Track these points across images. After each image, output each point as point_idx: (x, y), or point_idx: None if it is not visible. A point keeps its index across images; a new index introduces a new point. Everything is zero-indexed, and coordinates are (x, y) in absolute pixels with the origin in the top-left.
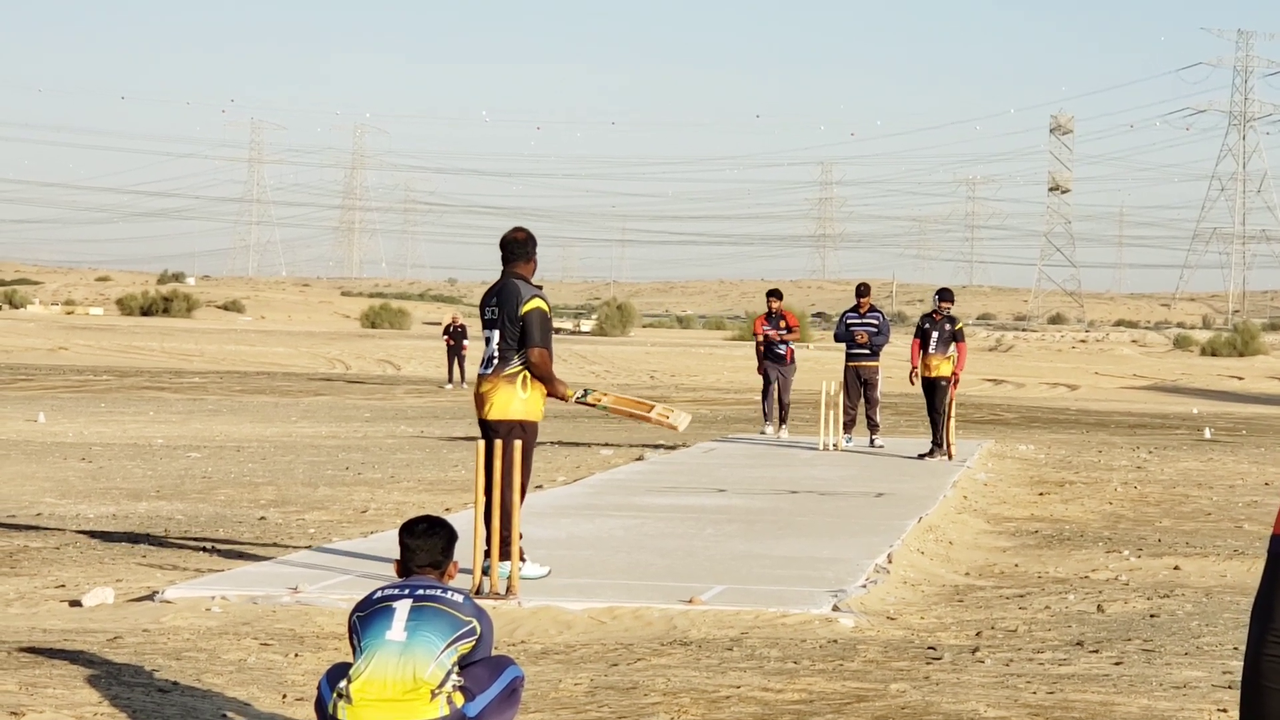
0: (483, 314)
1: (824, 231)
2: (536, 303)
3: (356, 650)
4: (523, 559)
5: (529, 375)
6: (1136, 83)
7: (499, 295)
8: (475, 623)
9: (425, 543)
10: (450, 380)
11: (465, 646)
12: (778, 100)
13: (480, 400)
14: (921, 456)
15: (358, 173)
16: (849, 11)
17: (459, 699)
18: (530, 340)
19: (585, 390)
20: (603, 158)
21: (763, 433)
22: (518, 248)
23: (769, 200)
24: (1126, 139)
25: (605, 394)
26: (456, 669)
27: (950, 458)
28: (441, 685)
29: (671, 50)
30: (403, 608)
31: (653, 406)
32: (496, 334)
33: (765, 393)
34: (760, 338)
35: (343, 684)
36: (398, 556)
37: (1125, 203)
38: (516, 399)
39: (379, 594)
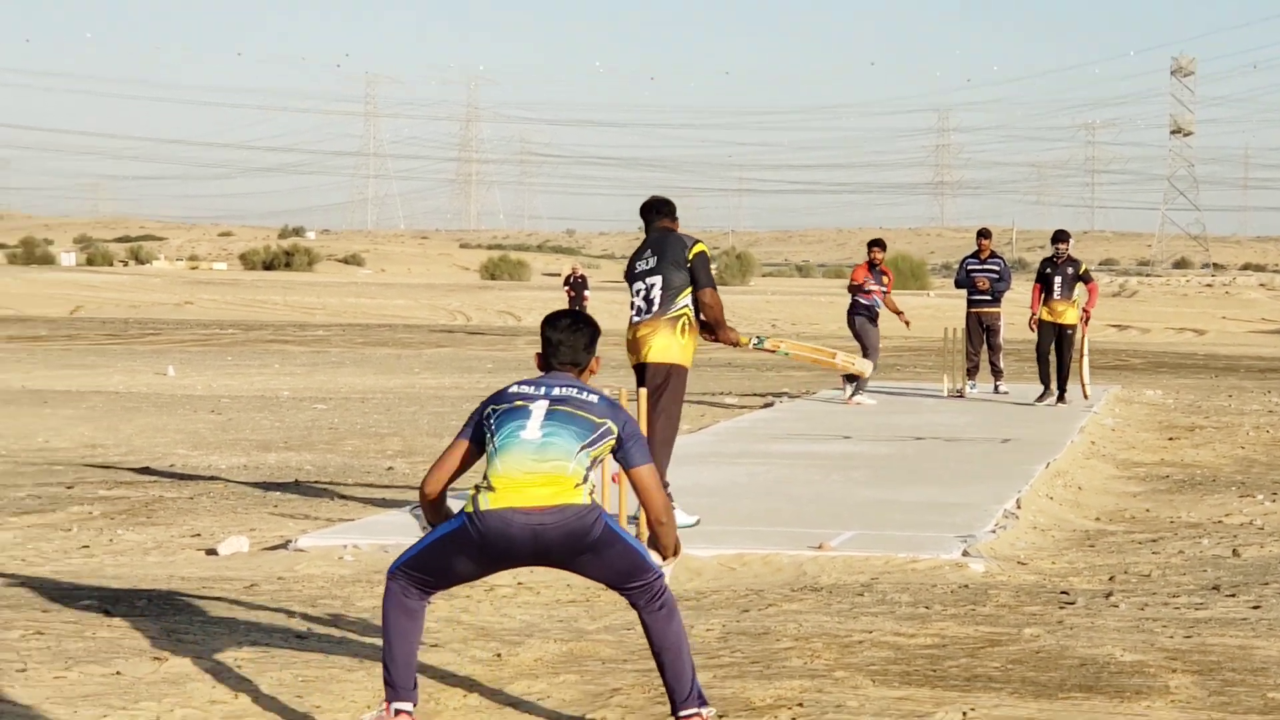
0: (633, 267)
1: (941, 179)
2: (701, 247)
3: (489, 444)
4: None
5: (688, 322)
6: (1259, 22)
7: (655, 245)
8: (610, 423)
9: (568, 338)
10: None
11: (602, 448)
12: (894, 47)
13: (637, 344)
14: (1037, 400)
15: (473, 125)
16: None
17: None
18: (701, 282)
19: (760, 337)
20: (718, 107)
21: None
22: (664, 205)
23: (886, 148)
24: (1250, 80)
25: (783, 340)
26: (593, 471)
27: (1086, 397)
28: (585, 480)
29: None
30: (539, 410)
31: (835, 354)
32: (657, 280)
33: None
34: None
35: (481, 480)
36: (539, 350)
37: (1250, 145)
38: (675, 342)
39: (514, 389)
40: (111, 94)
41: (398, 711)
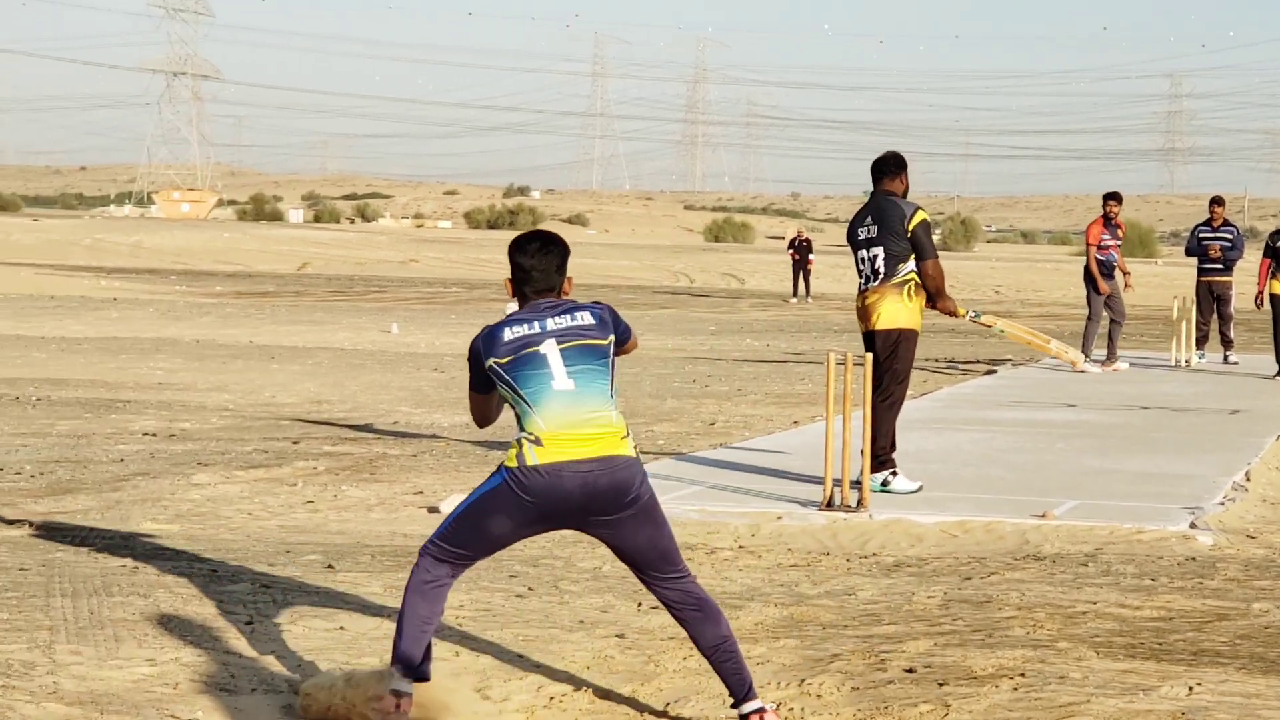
0: (855, 234)
1: (1172, 145)
2: (921, 215)
3: (516, 400)
4: (895, 472)
5: (915, 285)
6: None
7: (875, 213)
8: (612, 337)
9: (541, 262)
10: (795, 294)
11: (615, 365)
12: (1126, 12)
13: (867, 312)
14: (1275, 377)
15: (700, 86)
16: None
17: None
18: (924, 253)
19: (977, 311)
20: (946, 71)
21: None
22: (887, 164)
23: (1116, 114)
24: None
25: (999, 318)
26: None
27: None
28: (628, 433)
29: None
30: (552, 353)
31: (1050, 340)
32: (879, 250)
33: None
34: (1095, 248)
35: (522, 434)
36: (509, 276)
37: None
38: (904, 308)
39: (508, 334)
40: (343, 52)
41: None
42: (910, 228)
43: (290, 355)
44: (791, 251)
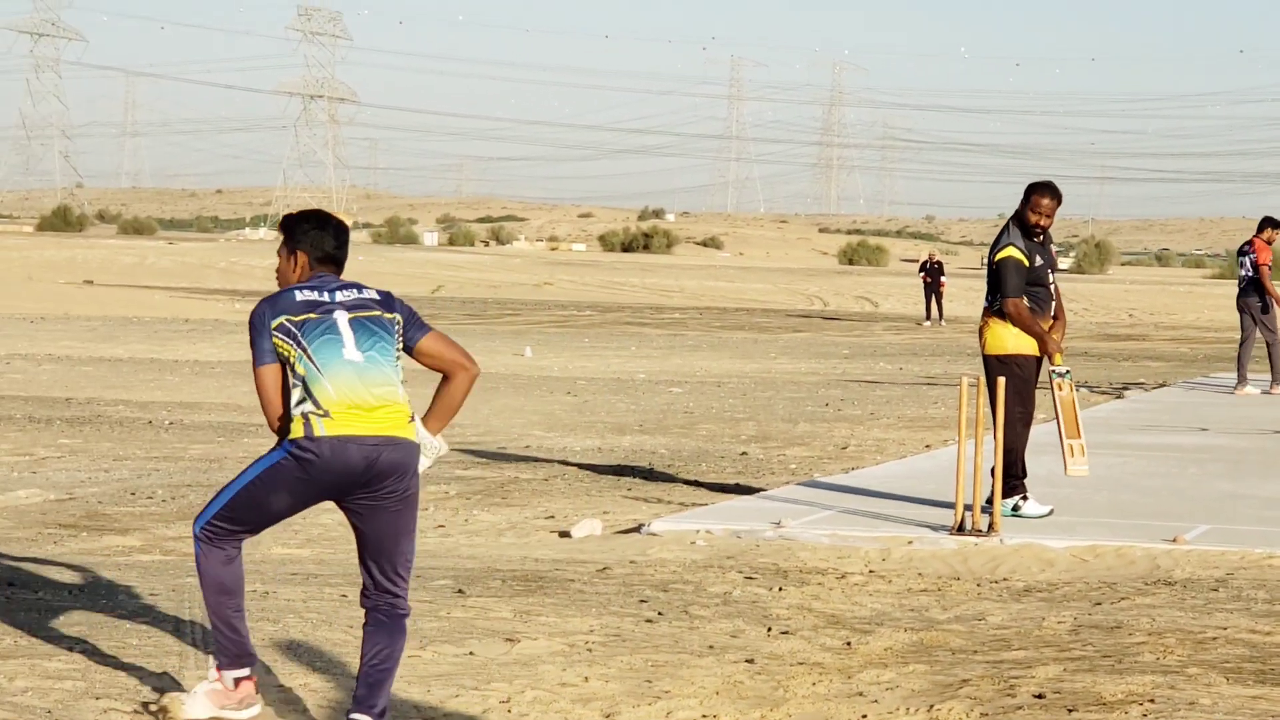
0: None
1: None
2: (1010, 251)
3: (302, 359)
4: (1025, 497)
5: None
6: None
7: (1000, 234)
8: (397, 315)
9: (332, 233)
10: (928, 317)
11: (399, 343)
12: (1262, 34)
13: (979, 335)
14: None
15: (836, 109)
16: None
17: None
18: (1002, 289)
19: (1067, 371)
20: (1082, 93)
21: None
22: (1028, 190)
23: (1254, 136)
24: None
25: (1072, 388)
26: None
27: None
28: (412, 417)
29: None
30: (343, 323)
31: (1079, 437)
32: (988, 273)
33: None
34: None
35: (305, 405)
36: (287, 245)
37: None
38: (1009, 333)
39: (299, 296)
40: (479, 75)
41: (236, 680)
42: (996, 259)
43: (422, 378)
44: (923, 274)
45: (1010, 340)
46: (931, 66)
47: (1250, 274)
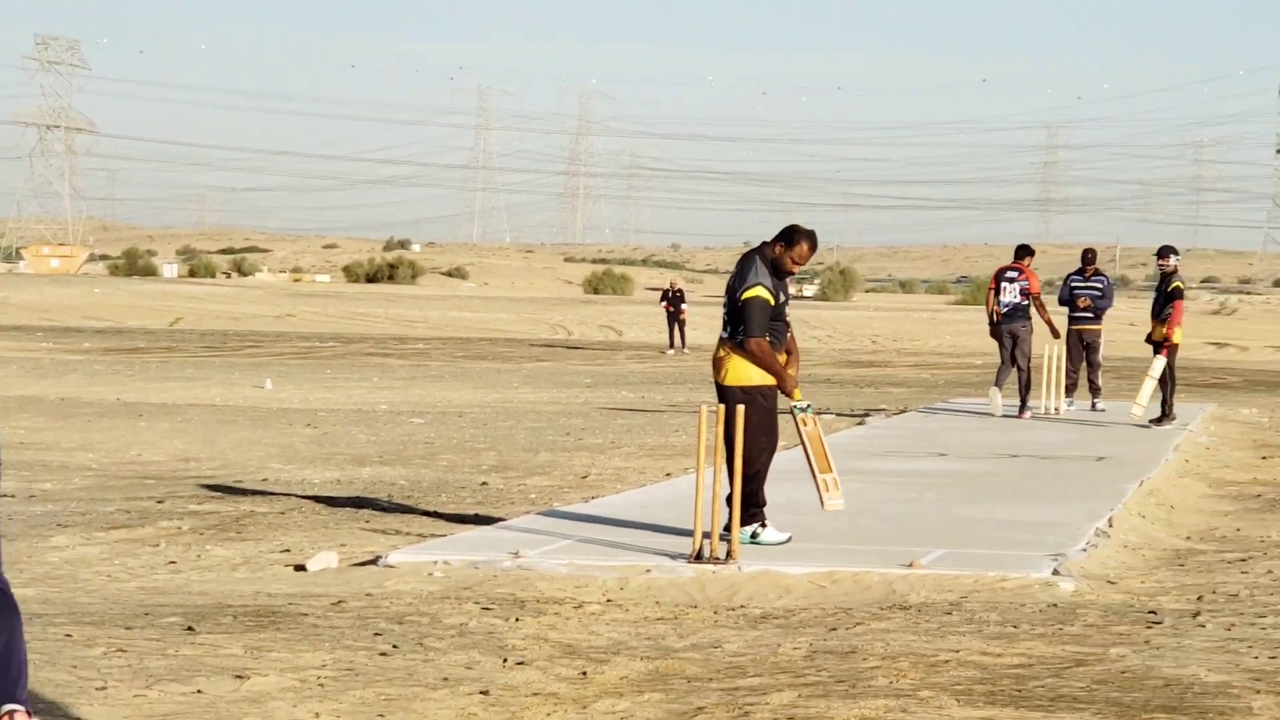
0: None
1: (1048, 195)
2: (757, 291)
3: None
4: (764, 524)
5: None
6: None
7: (739, 264)
8: None
9: None
10: (671, 346)
11: None
12: (1004, 64)
13: (716, 365)
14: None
15: (583, 138)
16: None
17: None
18: (746, 328)
19: (807, 405)
20: (828, 122)
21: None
22: (788, 230)
23: (994, 164)
24: None
25: (815, 422)
26: None
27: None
28: None
29: (897, 14)
30: None
31: (831, 471)
32: (728, 302)
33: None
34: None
35: None
36: None
37: None
38: (752, 366)
39: None
40: (223, 105)
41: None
42: (743, 297)
43: (159, 412)
44: (665, 303)
45: (755, 372)
46: (679, 94)
47: (1020, 300)
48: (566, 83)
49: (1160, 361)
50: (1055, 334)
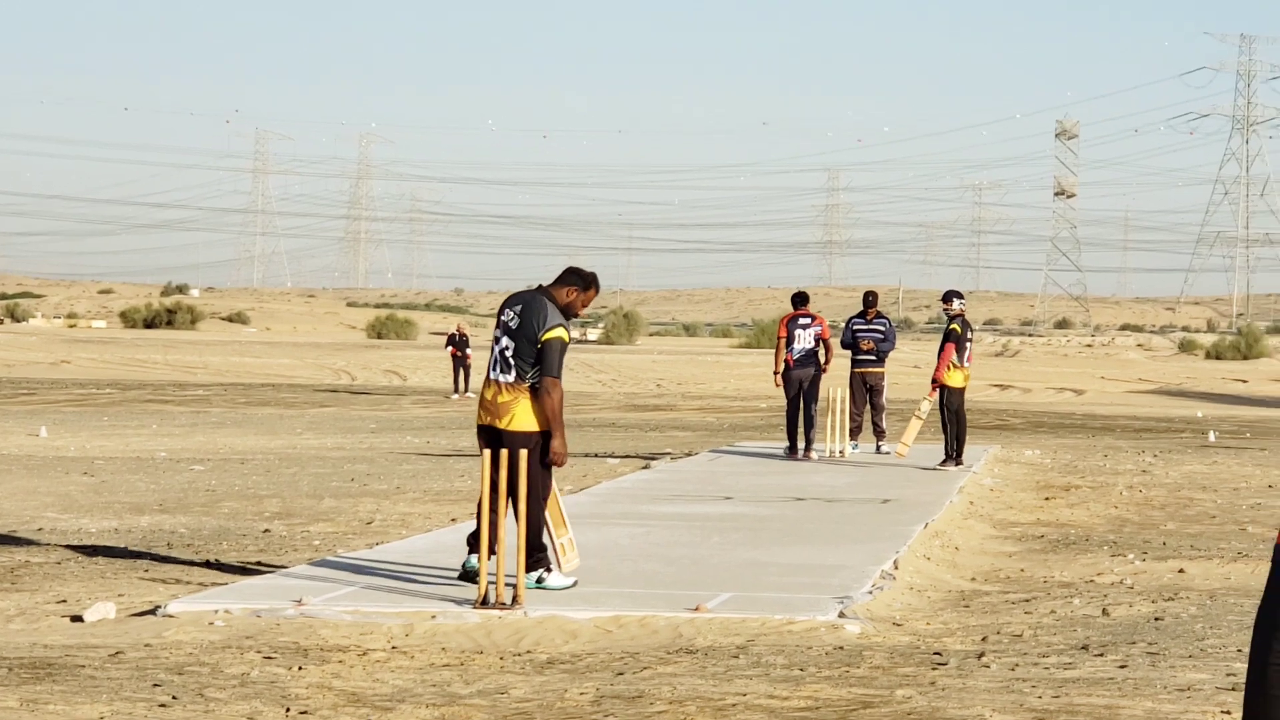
0: (502, 314)
1: (831, 238)
2: (558, 332)
3: None
4: (550, 569)
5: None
6: (1141, 87)
7: (524, 304)
8: None
9: None
10: (456, 390)
11: None
12: (785, 107)
13: (498, 409)
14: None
15: (363, 183)
16: (855, 18)
17: None
18: (546, 369)
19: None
20: (609, 166)
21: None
22: (572, 273)
23: (776, 207)
24: (1131, 143)
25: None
26: None
27: (900, 455)
28: None
29: (677, 57)
30: None
31: (567, 531)
32: (514, 344)
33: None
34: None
35: None
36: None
37: (1130, 207)
38: (541, 411)
39: None
40: None
41: None
42: (543, 338)
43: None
44: (451, 348)
45: (540, 418)
46: (459, 139)
47: (813, 346)
48: (345, 126)
49: (927, 403)
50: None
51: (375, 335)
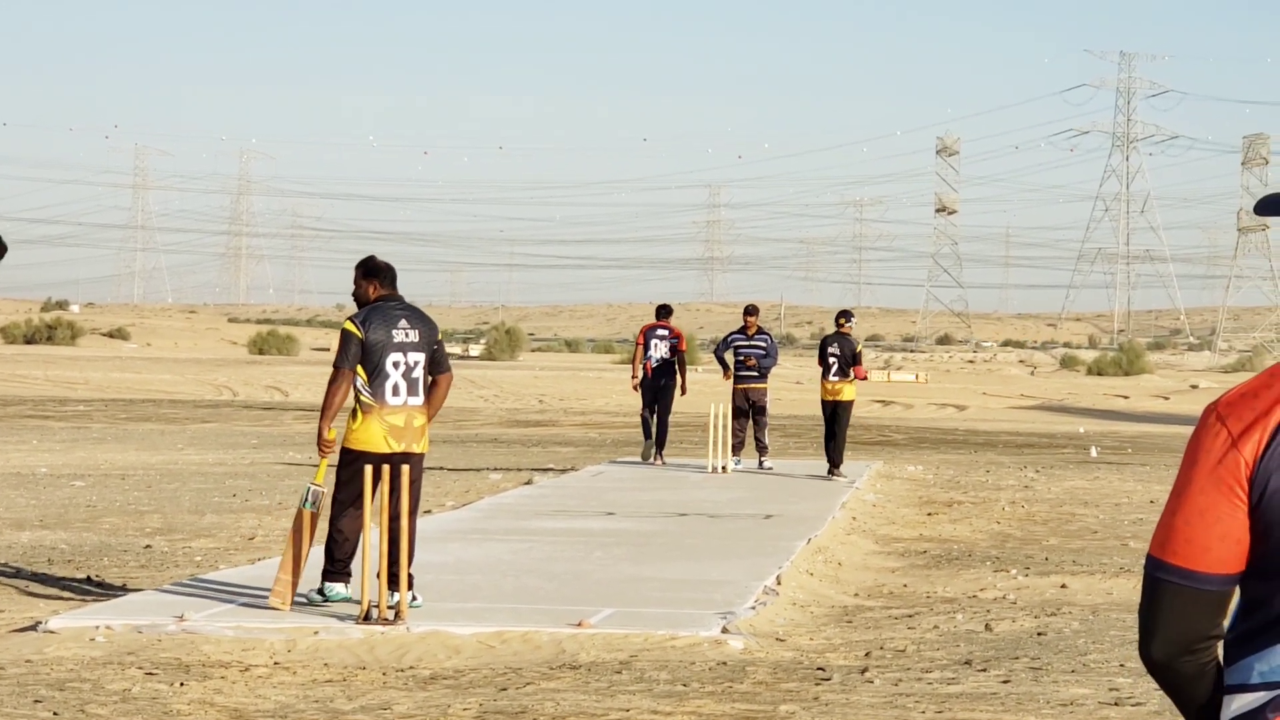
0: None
1: (712, 254)
2: (345, 322)
3: None
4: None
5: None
6: (1021, 104)
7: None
8: None
9: None
10: None
11: None
12: (665, 123)
13: (419, 432)
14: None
15: (244, 198)
16: (734, 34)
17: None
18: (337, 360)
19: (316, 491)
20: (490, 182)
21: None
22: (373, 266)
23: (657, 223)
24: (1012, 160)
25: (314, 511)
26: None
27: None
28: None
29: (558, 74)
30: None
31: (299, 569)
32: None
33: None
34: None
35: None
36: None
37: (1011, 223)
38: (348, 426)
39: None
40: None
41: None
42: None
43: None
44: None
45: (374, 435)
46: (340, 154)
47: (669, 356)
48: (225, 142)
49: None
50: (683, 391)
51: (257, 351)
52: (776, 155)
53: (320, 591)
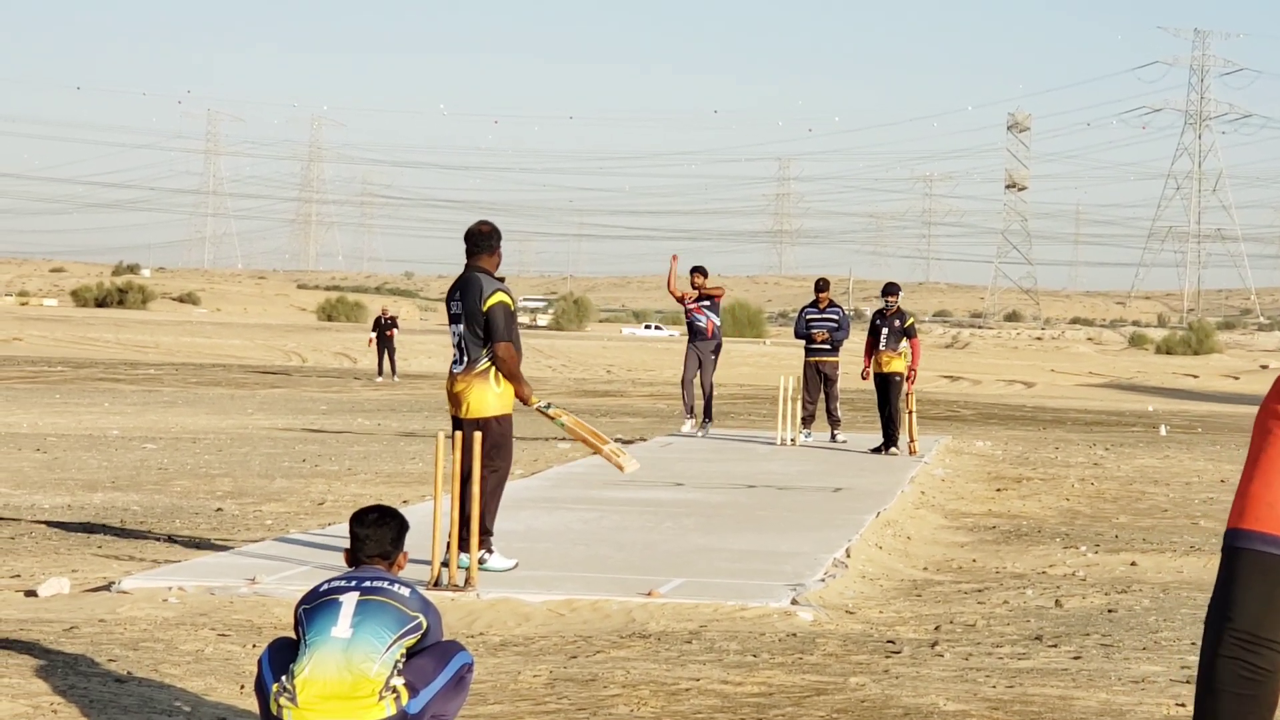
0: (449, 308)
1: (781, 227)
2: (499, 296)
3: (301, 643)
4: (491, 550)
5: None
6: (1093, 81)
7: (462, 289)
8: (421, 618)
9: (375, 532)
10: (380, 373)
11: (411, 640)
12: (736, 96)
13: (455, 399)
14: (874, 451)
15: (315, 165)
16: (806, 7)
17: (405, 695)
18: (495, 334)
19: (549, 403)
20: (560, 152)
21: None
22: (481, 240)
23: (726, 195)
24: (1083, 137)
25: (566, 413)
26: (402, 662)
27: (913, 453)
28: (388, 683)
29: (630, 45)
30: (349, 602)
31: (607, 441)
32: (462, 328)
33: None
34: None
35: (285, 679)
36: (348, 546)
37: (1081, 201)
38: (491, 394)
39: (325, 586)
40: None
41: None
42: (485, 308)
43: None
44: (384, 331)
45: (492, 402)
46: (411, 123)
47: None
48: (297, 109)
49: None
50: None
51: (326, 317)
52: (847, 129)
53: (481, 562)
